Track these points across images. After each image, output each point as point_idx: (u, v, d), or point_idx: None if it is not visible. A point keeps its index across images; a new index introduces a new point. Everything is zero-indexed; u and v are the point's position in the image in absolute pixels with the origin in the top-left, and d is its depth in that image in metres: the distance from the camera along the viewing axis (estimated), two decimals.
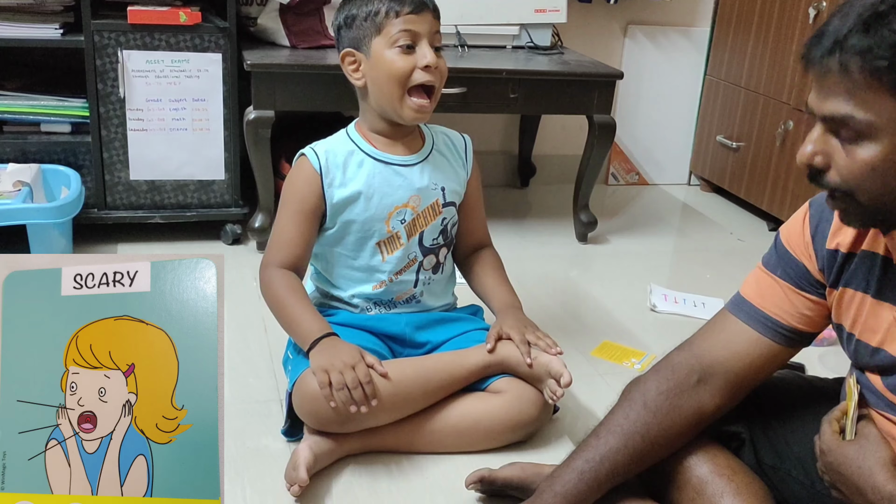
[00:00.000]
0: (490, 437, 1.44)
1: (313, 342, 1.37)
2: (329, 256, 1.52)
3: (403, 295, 1.54)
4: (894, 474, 0.99)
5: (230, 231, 2.31)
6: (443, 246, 1.55)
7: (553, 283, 2.24)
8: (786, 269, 1.14)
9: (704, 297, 2.19)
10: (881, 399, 1.06)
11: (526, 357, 1.43)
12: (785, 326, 1.14)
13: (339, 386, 1.30)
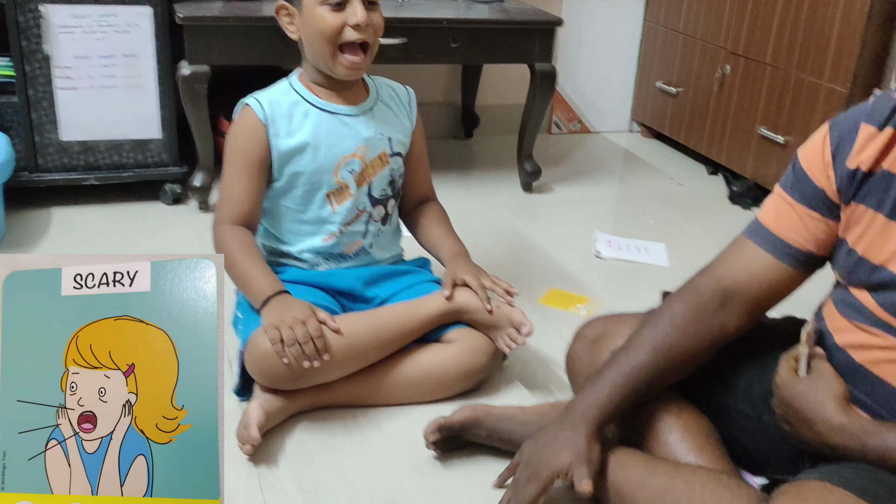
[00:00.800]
0: (442, 387, 1.45)
1: (265, 300, 1.36)
2: (277, 211, 1.51)
3: (353, 247, 1.53)
4: (843, 407, 1.03)
5: (170, 191, 2.26)
6: (391, 197, 1.55)
7: (499, 233, 2.25)
8: (803, 191, 1.15)
9: (647, 241, 2.22)
10: (867, 316, 1.08)
11: (485, 303, 1.44)
12: (800, 251, 1.16)
13: (291, 342, 1.30)
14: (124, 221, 2.17)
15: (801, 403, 1.06)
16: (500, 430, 1.30)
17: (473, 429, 1.30)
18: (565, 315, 1.82)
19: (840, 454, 1.02)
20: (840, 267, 1.13)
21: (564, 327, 1.73)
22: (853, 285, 1.10)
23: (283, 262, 1.53)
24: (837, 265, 1.14)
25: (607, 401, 1.16)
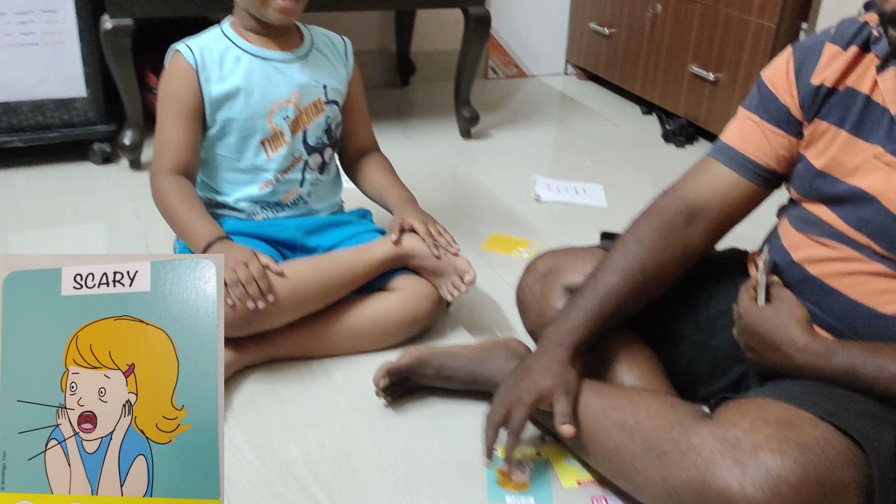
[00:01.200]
0: (387, 335, 1.46)
1: (206, 246, 1.36)
2: (212, 160, 1.49)
3: (290, 196, 1.52)
4: (807, 329, 1.07)
5: (99, 150, 2.19)
6: (328, 146, 1.53)
7: (440, 181, 2.25)
8: (767, 109, 1.18)
9: (585, 183, 2.25)
10: (823, 229, 1.12)
11: (432, 248, 1.45)
12: (763, 168, 1.19)
13: (234, 283, 1.30)
14: (53, 184, 2.11)
15: (766, 330, 1.09)
16: (446, 367, 1.33)
17: (420, 369, 1.32)
18: (508, 259, 1.84)
19: (807, 374, 1.06)
20: (798, 183, 1.16)
21: (507, 271, 1.76)
22: (811, 200, 1.14)
23: (220, 214, 1.51)
24: (795, 182, 1.17)
25: (581, 326, 1.18)
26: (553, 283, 1.31)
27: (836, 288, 1.10)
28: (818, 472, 0.92)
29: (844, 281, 1.09)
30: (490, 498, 1.17)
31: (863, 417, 0.99)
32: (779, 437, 0.95)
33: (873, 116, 1.07)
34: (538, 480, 1.20)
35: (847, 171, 1.09)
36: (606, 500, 1.17)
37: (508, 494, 1.18)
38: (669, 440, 1.01)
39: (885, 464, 0.95)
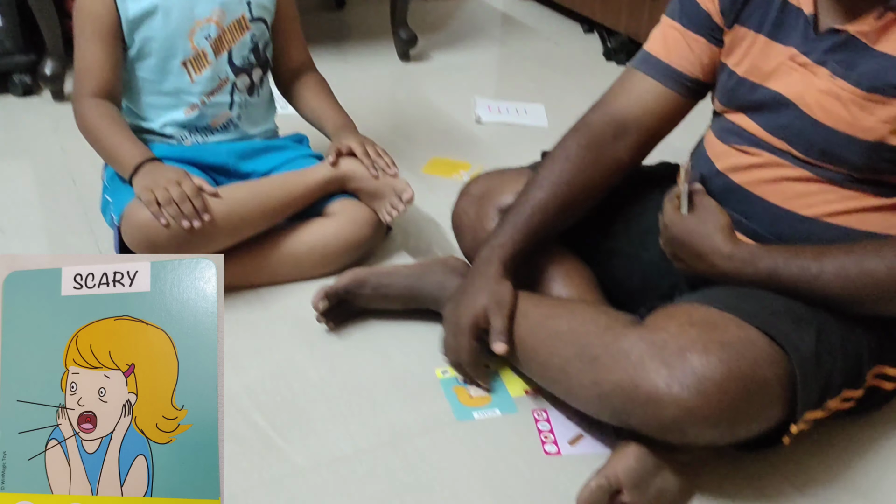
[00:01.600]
0: (327, 261, 1.45)
1: (135, 167, 1.32)
2: (134, 84, 1.43)
3: (219, 119, 1.47)
4: (731, 236, 1.09)
5: (19, 82, 2.09)
6: (256, 66, 1.48)
7: (379, 105, 2.21)
8: (689, 16, 1.17)
9: (526, 104, 2.23)
10: (744, 136, 1.13)
11: (370, 169, 1.43)
12: (687, 77, 1.19)
13: (167, 201, 1.27)
14: None
15: (692, 239, 1.10)
16: (383, 285, 1.32)
17: (358, 289, 1.31)
18: (449, 182, 1.83)
19: (733, 280, 1.08)
20: (721, 93, 1.17)
21: (448, 194, 1.72)
22: (733, 109, 1.14)
23: (147, 140, 1.46)
24: (718, 91, 1.18)
25: (510, 241, 1.19)
26: (487, 206, 1.30)
27: (759, 195, 1.11)
28: (742, 370, 0.95)
29: (767, 188, 1.10)
30: (458, 417, 1.18)
31: (785, 317, 1.01)
32: (704, 339, 0.97)
33: (789, 19, 1.07)
34: (498, 392, 1.23)
35: (765, 75, 1.09)
36: (546, 412, 1.19)
37: (475, 410, 1.20)
38: (601, 345, 1.03)
39: (805, 361, 0.98)
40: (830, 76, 1.02)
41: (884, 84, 0.97)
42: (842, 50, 1.01)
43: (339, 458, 1.10)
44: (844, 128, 1.01)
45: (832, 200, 1.06)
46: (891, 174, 1.02)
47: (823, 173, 1.05)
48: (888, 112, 0.98)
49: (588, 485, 0.99)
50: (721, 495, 1.07)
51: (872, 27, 0.98)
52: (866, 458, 1.14)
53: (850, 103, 1.00)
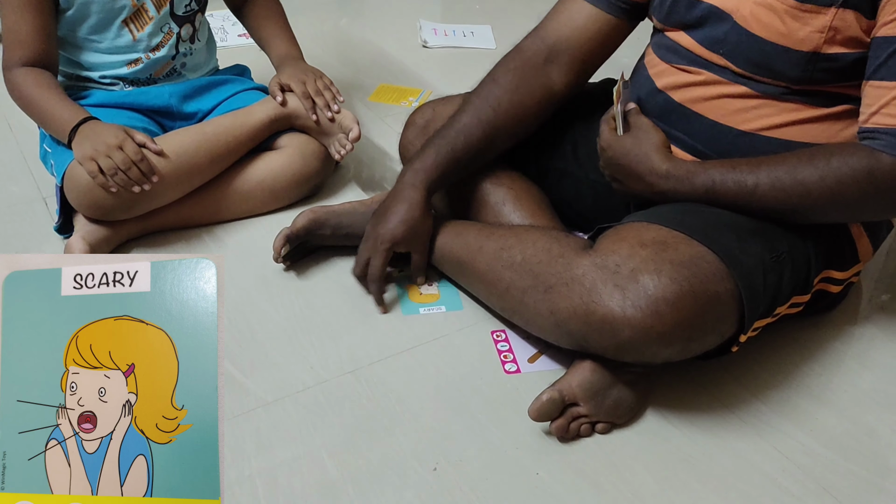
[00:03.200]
0: (276, 196, 1.43)
1: (71, 131, 1.26)
2: (72, 40, 1.37)
3: (162, 70, 1.42)
4: (666, 155, 1.10)
5: None
6: (197, 11, 1.43)
7: (323, 33, 2.15)
8: None
9: (473, 26, 2.19)
10: (683, 55, 1.12)
11: (310, 112, 1.40)
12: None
13: (112, 170, 1.23)
14: None
15: (628, 161, 1.11)
16: (343, 225, 1.31)
17: (317, 230, 1.30)
18: (398, 109, 1.80)
19: (672, 199, 1.09)
20: (658, 9, 1.16)
21: (397, 122, 1.72)
22: (671, 27, 1.14)
23: (86, 87, 1.40)
24: (655, 8, 1.16)
25: (433, 166, 1.19)
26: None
27: (698, 112, 1.11)
28: (693, 287, 0.96)
29: (706, 105, 1.11)
30: (404, 312, 1.22)
31: (730, 232, 1.02)
32: (655, 259, 0.98)
33: None
34: (446, 291, 1.25)
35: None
36: (505, 332, 1.20)
37: (421, 307, 1.23)
38: (554, 273, 1.04)
39: (750, 274, 1.00)
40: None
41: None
42: None
43: (301, 390, 1.11)
44: (779, 39, 1.01)
45: (771, 114, 1.06)
46: (827, 84, 1.03)
47: (762, 88, 1.06)
48: (822, 21, 0.98)
49: (539, 397, 1.02)
50: (677, 403, 1.10)
51: None
52: (815, 359, 1.18)
53: (784, 14, 1.00)
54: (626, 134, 1.12)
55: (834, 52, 0.99)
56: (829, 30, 0.98)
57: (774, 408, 1.10)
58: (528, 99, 1.20)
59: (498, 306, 1.16)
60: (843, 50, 0.99)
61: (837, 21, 0.97)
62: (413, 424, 1.06)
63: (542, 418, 1.02)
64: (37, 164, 1.51)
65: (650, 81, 1.16)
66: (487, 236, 1.16)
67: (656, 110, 1.15)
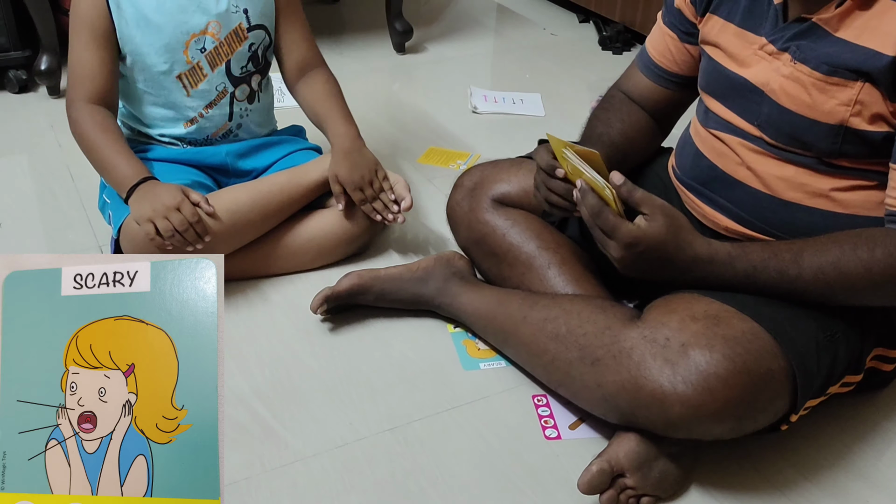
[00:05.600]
0: (323, 254, 1.45)
1: (130, 189, 1.29)
2: (132, 92, 1.41)
3: (219, 131, 1.46)
4: (703, 237, 1.03)
5: (14, 78, 2.09)
6: (255, 73, 1.46)
7: (376, 98, 2.20)
8: (671, 15, 1.22)
9: (523, 93, 2.23)
10: (721, 122, 1.13)
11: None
12: (669, 73, 1.25)
13: (169, 232, 1.25)
14: None
15: (667, 251, 1.00)
16: (388, 292, 1.31)
17: (361, 295, 1.31)
18: (445, 171, 1.83)
19: (709, 283, 1.03)
20: (701, 76, 1.19)
21: (445, 184, 1.74)
22: (710, 94, 1.15)
23: (146, 142, 1.45)
24: (700, 75, 1.19)
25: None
26: (481, 197, 1.31)
27: (741, 180, 1.11)
28: (746, 364, 0.94)
29: (747, 173, 1.10)
30: (465, 367, 1.24)
31: (782, 309, 1.00)
32: (706, 333, 0.96)
33: (759, 7, 1.08)
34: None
35: (736, 63, 1.10)
36: (546, 397, 1.19)
37: (482, 362, 1.24)
38: (601, 346, 1.02)
39: (803, 353, 0.98)
40: (792, 61, 1.02)
41: (842, 67, 0.98)
42: (805, 37, 1.01)
43: (339, 445, 1.10)
44: (807, 111, 1.02)
45: (810, 184, 1.06)
46: (859, 159, 1.02)
47: (797, 158, 1.05)
48: (847, 95, 0.98)
49: (589, 468, 0.99)
50: (723, 479, 1.07)
51: (833, 14, 0.98)
52: (866, 440, 1.15)
53: (810, 87, 1.00)
54: (648, 222, 0.99)
55: (862, 128, 0.99)
56: (855, 103, 0.98)
57: (825, 489, 1.07)
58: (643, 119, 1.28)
59: (544, 378, 1.14)
60: (870, 127, 0.98)
61: (864, 95, 0.97)
62: (450, 487, 1.05)
63: (592, 491, 0.99)
64: (94, 213, 1.56)
65: (695, 148, 1.17)
66: (531, 306, 1.14)
67: (701, 177, 1.15)
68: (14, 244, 1.53)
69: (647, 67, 1.26)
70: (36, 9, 1.99)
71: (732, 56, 1.10)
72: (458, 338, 1.30)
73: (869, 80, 0.96)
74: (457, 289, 1.27)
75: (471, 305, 1.25)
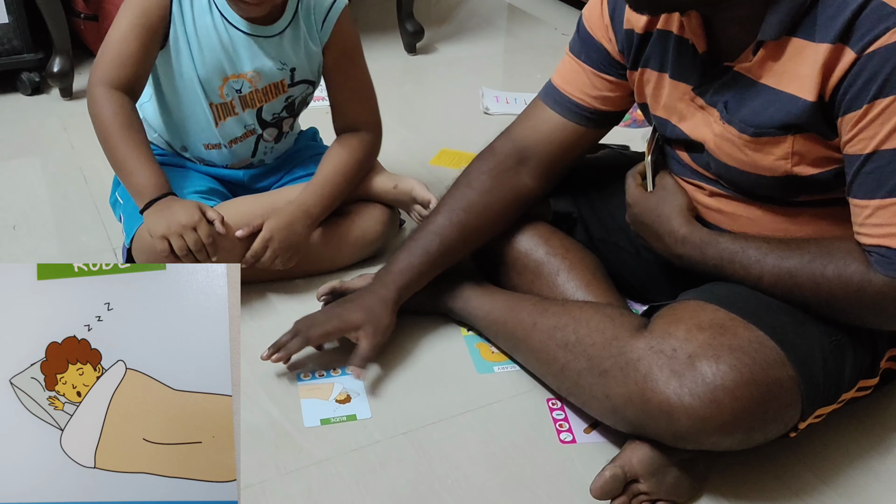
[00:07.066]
0: (336, 259, 1.44)
1: (148, 202, 1.26)
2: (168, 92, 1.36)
3: (240, 164, 1.45)
4: (687, 219, 1.09)
5: (27, 80, 2.09)
6: (287, 118, 1.44)
7: (387, 98, 2.17)
8: (588, 52, 1.17)
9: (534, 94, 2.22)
10: (686, 168, 1.13)
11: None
12: (588, 109, 1.19)
13: (183, 251, 1.23)
14: None
15: (651, 219, 1.11)
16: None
17: None
18: (457, 173, 1.81)
19: (685, 264, 1.08)
20: (653, 125, 1.17)
21: None
22: (669, 143, 1.14)
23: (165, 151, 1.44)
24: (650, 124, 1.18)
25: (407, 267, 1.21)
26: None
27: (713, 223, 1.11)
28: (753, 374, 0.93)
29: (717, 216, 1.11)
30: (479, 371, 1.23)
31: (785, 315, 1.00)
32: (713, 344, 0.95)
33: (685, 57, 1.05)
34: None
35: (677, 115, 1.09)
36: (562, 401, 1.18)
37: (495, 365, 1.24)
38: (609, 357, 1.01)
39: (807, 360, 0.97)
40: (721, 121, 1.01)
41: (766, 126, 0.97)
42: (730, 88, 1.00)
43: (354, 448, 1.10)
44: (748, 168, 1.01)
45: (781, 222, 1.06)
46: (821, 194, 1.01)
47: (762, 201, 1.05)
48: (782, 150, 0.97)
49: (602, 473, 0.99)
50: (738, 483, 1.06)
51: (752, 62, 0.97)
52: (882, 441, 1.14)
53: (743, 147, 1.00)
54: (652, 192, 1.13)
55: (809, 173, 0.98)
56: (792, 155, 0.97)
57: (841, 492, 1.06)
58: (499, 202, 1.23)
59: (554, 385, 1.14)
60: (816, 170, 0.98)
61: (798, 146, 0.96)
62: (464, 491, 1.04)
63: (605, 496, 0.99)
64: (108, 216, 1.56)
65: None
66: (541, 312, 1.14)
67: None
68: (28, 247, 1.53)
69: (560, 104, 1.19)
70: (49, 11, 1.99)
71: (670, 107, 1.09)
72: (472, 341, 1.29)
73: (799, 131, 0.95)
74: (468, 293, 1.27)
75: (482, 310, 1.24)
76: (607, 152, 1.38)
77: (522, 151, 1.22)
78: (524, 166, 1.23)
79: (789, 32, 0.93)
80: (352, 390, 1.19)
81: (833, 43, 0.89)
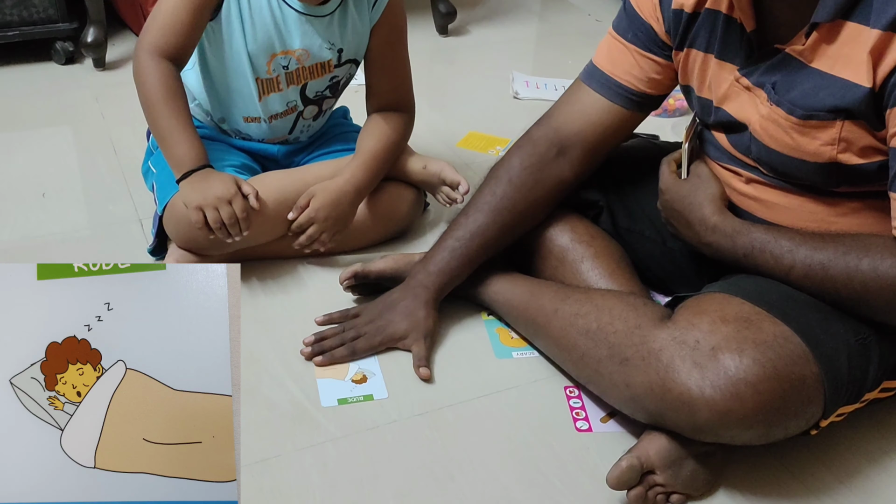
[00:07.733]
0: (362, 235, 1.44)
1: (186, 173, 1.26)
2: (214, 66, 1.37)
3: (276, 139, 1.46)
4: (719, 207, 1.08)
5: (61, 49, 2.11)
6: (329, 98, 1.45)
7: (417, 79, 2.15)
8: (635, 32, 1.15)
9: (565, 80, 2.20)
10: (724, 153, 1.11)
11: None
12: (634, 91, 1.18)
13: (217, 224, 1.24)
14: (14, 85, 2.04)
15: (682, 206, 1.10)
16: None
17: (391, 278, 1.29)
18: (484, 157, 1.82)
19: (714, 253, 1.07)
20: (694, 110, 1.15)
21: (483, 170, 1.71)
22: (706, 125, 1.12)
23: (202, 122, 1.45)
24: (692, 108, 1.16)
25: (447, 269, 1.20)
26: None
27: (747, 210, 1.10)
28: (777, 369, 0.92)
29: (753, 204, 1.09)
30: (497, 356, 1.23)
31: (812, 311, 0.98)
32: (737, 337, 0.94)
33: (733, 37, 1.03)
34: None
35: (720, 97, 1.07)
36: (579, 389, 1.18)
37: (514, 350, 1.24)
38: (630, 345, 1.01)
39: (832, 357, 0.95)
40: (768, 102, 0.99)
41: (817, 109, 0.95)
42: (779, 70, 0.98)
43: (370, 427, 1.11)
44: (792, 152, 0.99)
45: (816, 211, 1.04)
46: (862, 185, 0.99)
47: (799, 188, 1.04)
48: (829, 135, 0.95)
49: (619, 464, 0.98)
50: (755, 480, 1.06)
51: (805, 45, 0.95)
52: None
53: (790, 129, 0.98)
54: (686, 179, 1.11)
55: (853, 163, 0.96)
56: (839, 142, 0.95)
57: (859, 492, 1.05)
58: (541, 195, 1.22)
59: (573, 372, 1.13)
60: (861, 160, 0.96)
61: (846, 133, 0.94)
62: (478, 474, 1.04)
63: (621, 486, 0.98)
64: (136, 187, 1.57)
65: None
66: (563, 299, 1.13)
67: None
68: (56, 212, 1.55)
69: (605, 86, 1.17)
70: None
71: (714, 88, 1.07)
72: (492, 326, 1.29)
73: (849, 117, 0.93)
74: (490, 277, 1.26)
75: (503, 295, 1.24)
76: (637, 141, 1.36)
77: (564, 140, 1.20)
78: (564, 156, 1.21)
79: (844, 16, 0.92)
80: (367, 371, 1.19)
81: (884, 30, 0.88)
